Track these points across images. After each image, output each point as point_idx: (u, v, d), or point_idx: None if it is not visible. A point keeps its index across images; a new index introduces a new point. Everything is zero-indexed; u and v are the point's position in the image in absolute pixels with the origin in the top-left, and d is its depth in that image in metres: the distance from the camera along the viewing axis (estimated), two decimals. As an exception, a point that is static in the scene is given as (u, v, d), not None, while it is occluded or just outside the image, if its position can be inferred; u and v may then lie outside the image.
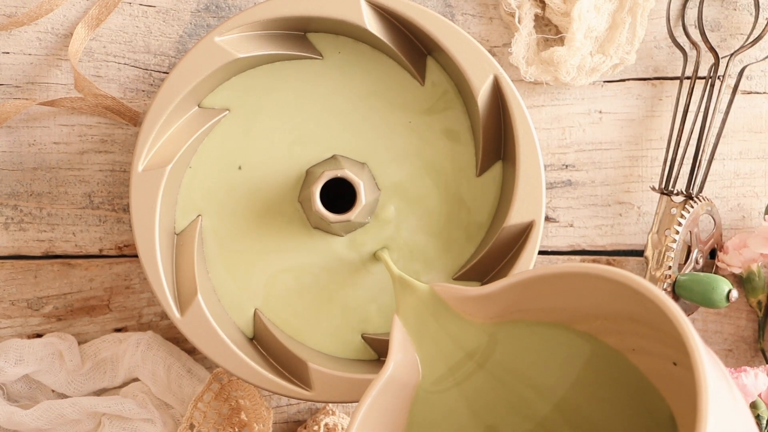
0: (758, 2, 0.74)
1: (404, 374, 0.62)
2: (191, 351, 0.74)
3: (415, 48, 0.69)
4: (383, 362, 0.66)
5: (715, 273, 0.75)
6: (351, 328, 0.70)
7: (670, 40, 0.75)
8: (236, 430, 0.72)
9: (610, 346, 0.61)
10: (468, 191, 0.70)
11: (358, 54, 0.70)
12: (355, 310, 0.70)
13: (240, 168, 0.69)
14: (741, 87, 0.76)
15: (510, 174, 0.68)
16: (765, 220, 0.73)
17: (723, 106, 0.75)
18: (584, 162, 0.76)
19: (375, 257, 0.69)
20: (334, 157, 0.69)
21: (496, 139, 0.69)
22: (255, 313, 0.69)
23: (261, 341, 0.69)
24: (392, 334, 0.62)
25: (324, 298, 0.70)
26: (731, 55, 0.74)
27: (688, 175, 0.74)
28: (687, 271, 0.73)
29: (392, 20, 0.68)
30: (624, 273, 0.54)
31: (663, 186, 0.73)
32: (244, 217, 0.69)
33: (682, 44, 0.75)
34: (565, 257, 0.76)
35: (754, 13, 0.75)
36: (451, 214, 0.70)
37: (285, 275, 0.69)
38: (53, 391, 0.74)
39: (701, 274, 0.72)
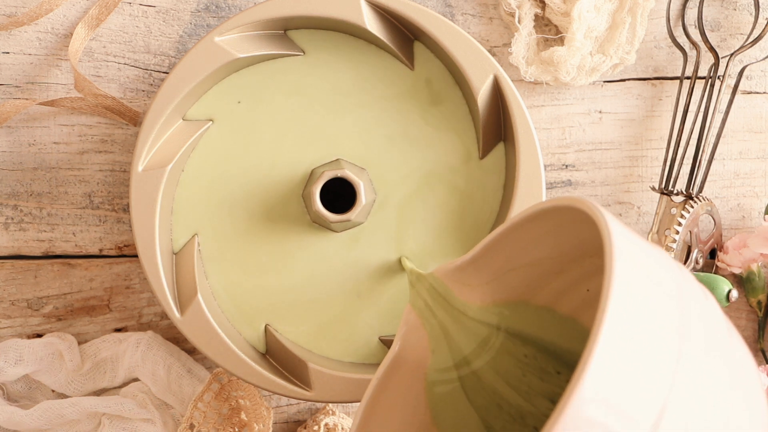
0: (758, 2, 0.74)
1: (416, 355, 0.62)
2: (191, 351, 0.74)
3: (401, 34, 0.69)
4: None
5: (715, 273, 0.75)
6: (367, 332, 0.70)
7: (670, 40, 0.75)
8: (236, 430, 0.72)
9: (563, 316, 0.61)
10: (472, 178, 0.70)
11: (341, 45, 0.70)
12: (366, 312, 0.70)
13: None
14: (741, 87, 0.76)
15: (511, 162, 0.68)
16: (765, 220, 0.74)
17: (723, 106, 0.75)
18: (584, 162, 0.76)
19: (399, 262, 0.70)
20: (337, 160, 0.69)
21: (495, 135, 0.69)
22: (266, 329, 0.69)
23: (274, 355, 0.69)
24: (403, 319, 0.63)
25: (333, 303, 0.70)
26: (731, 55, 0.74)
27: (688, 175, 0.74)
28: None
29: (385, 15, 0.68)
30: (562, 197, 0.54)
31: (663, 186, 0.73)
32: (242, 224, 0.69)
33: (682, 44, 0.75)
34: (565, 257, 0.76)
35: (754, 13, 0.75)
36: (455, 207, 0.70)
37: (290, 284, 0.69)
38: (53, 391, 0.74)
39: (701, 274, 0.72)
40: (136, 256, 0.74)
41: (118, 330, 0.75)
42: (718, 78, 0.74)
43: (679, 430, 0.46)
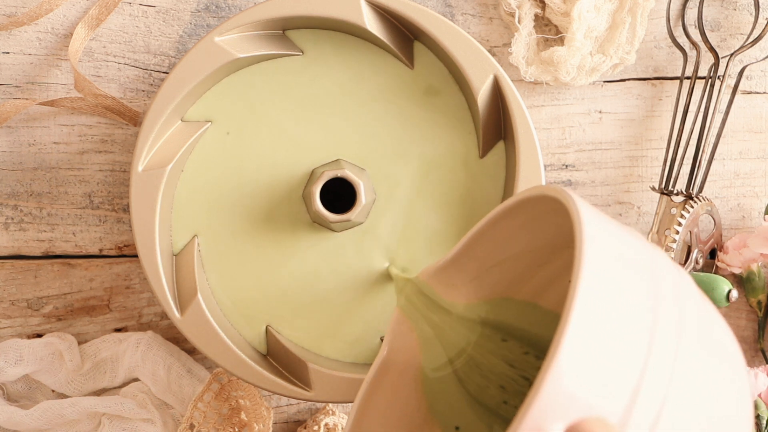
0: (758, 2, 0.74)
1: (405, 356, 0.63)
2: (191, 351, 0.74)
3: (401, 34, 0.69)
4: None
5: (715, 273, 0.75)
6: (367, 332, 0.69)
7: (670, 40, 0.75)
8: (236, 430, 0.72)
9: (547, 311, 0.62)
10: (472, 178, 0.70)
11: (340, 45, 0.70)
12: (367, 312, 0.70)
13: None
14: (741, 87, 0.76)
15: (511, 162, 0.68)
16: (765, 220, 0.74)
17: (723, 106, 0.75)
18: (584, 162, 0.76)
19: (387, 271, 0.70)
20: (337, 160, 0.69)
21: (495, 135, 0.69)
22: (267, 330, 0.69)
23: (274, 355, 0.69)
24: (391, 323, 0.63)
25: (333, 303, 0.70)
26: (731, 55, 0.74)
27: (688, 175, 0.74)
28: (687, 271, 0.73)
29: (385, 15, 0.68)
30: (534, 187, 0.54)
31: (663, 186, 0.73)
32: (242, 224, 0.69)
33: (682, 44, 0.75)
34: (565, 257, 0.76)
35: (754, 13, 0.75)
36: (455, 206, 0.70)
37: (290, 284, 0.69)
38: (53, 391, 0.74)
39: (701, 274, 0.72)
40: (136, 256, 0.74)
41: (118, 330, 0.75)
42: (718, 78, 0.74)
43: (657, 401, 0.46)
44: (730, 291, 0.71)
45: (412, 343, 0.63)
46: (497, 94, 0.68)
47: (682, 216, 0.72)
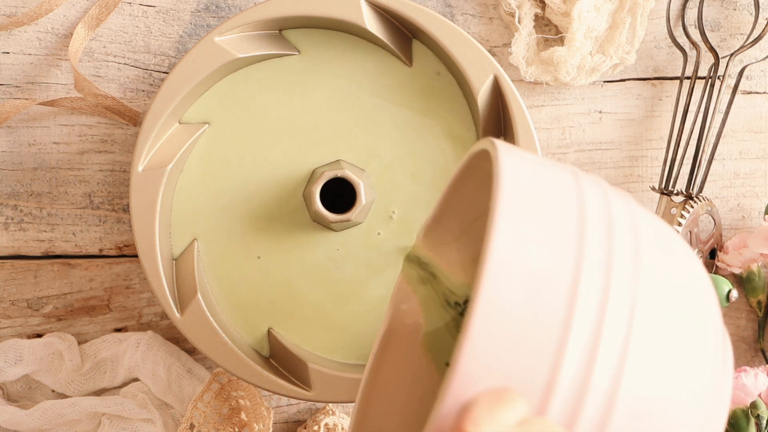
0: (758, 2, 0.74)
1: (411, 321, 0.63)
2: (191, 351, 0.74)
3: (400, 33, 0.69)
4: None
5: (715, 273, 0.75)
6: (367, 332, 0.69)
7: (670, 40, 0.75)
8: (236, 430, 0.72)
9: None
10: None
11: (337, 44, 0.70)
12: (367, 312, 0.70)
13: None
14: (741, 87, 0.76)
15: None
16: (765, 220, 0.74)
17: (723, 106, 0.75)
18: (584, 162, 0.76)
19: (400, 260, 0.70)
20: (338, 161, 0.69)
21: (495, 135, 0.69)
22: (268, 331, 0.69)
23: (274, 355, 0.69)
24: (393, 290, 0.63)
25: (333, 303, 0.70)
26: (731, 55, 0.74)
27: (688, 175, 0.74)
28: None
29: (385, 14, 0.68)
30: (478, 141, 0.55)
31: (663, 186, 0.73)
32: (242, 224, 0.69)
33: (682, 44, 0.75)
34: (565, 257, 0.76)
35: (754, 13, 0.75)
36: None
37: (290, 284, 0.69)
38: (53, 391, 0.74)
39: (701, 274, 0.72)
40: (136, 256, 0.74)
41: (118, 330, 0.75)
42: (718, 78, 0.74)
43: (598, 291, 0.46)
44: (730, 291, 0.71)
45: (415, 307, 0.63)
46: (497, 94, 0.68)
47: (682, 216, 0.72)
